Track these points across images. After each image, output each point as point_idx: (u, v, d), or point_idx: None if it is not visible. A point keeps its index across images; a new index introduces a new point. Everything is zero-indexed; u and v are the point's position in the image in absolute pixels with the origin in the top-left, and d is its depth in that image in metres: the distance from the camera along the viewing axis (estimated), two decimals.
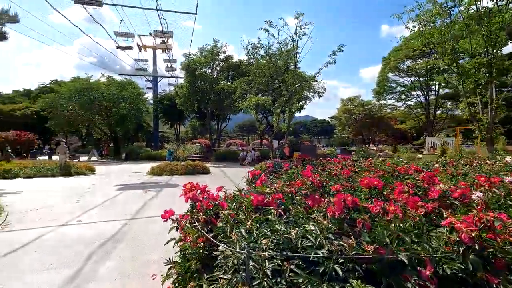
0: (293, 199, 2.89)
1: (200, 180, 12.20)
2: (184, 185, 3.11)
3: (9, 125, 29.44)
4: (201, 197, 2.87)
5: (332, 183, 3.94)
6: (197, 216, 2.52)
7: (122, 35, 17.33)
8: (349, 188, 3.48)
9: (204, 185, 3.21)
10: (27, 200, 8.68)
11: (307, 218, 2.27)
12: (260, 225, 2.28)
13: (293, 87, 12.19)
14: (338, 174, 4.60)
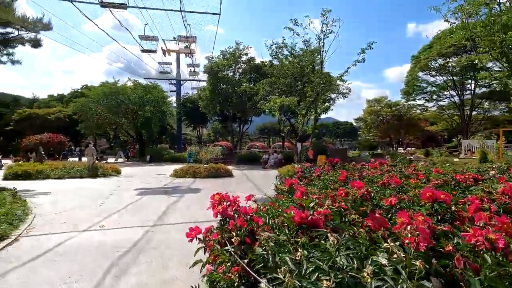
0: (344, 216, 2.36)
1: (222, 183, 11.85)
2: (211, 197, 2.66)
3: (44, 128, 31.02)
4: (231, 210, 2.41)
5: (380, 194, 3.35)
6: (228, 236, 2.06)
7: (146, 39, 17.59)
8: (407, 202, 2.88)
9: (234, 196, 2.74)
10: (55, 201, 8.74)
11: (371, 246, 1.74)
12: (309, 251, 1.78)
13: (319, 87, 11.57)
14: (386, 183, 3.97)
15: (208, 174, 14.33)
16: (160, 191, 10.29)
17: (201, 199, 8.68)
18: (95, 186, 12.26)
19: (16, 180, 15.35)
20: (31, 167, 16.00)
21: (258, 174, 16.21)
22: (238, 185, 11.71)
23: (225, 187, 11.17)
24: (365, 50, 12.11)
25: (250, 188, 11.00)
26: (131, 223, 5.96)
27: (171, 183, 12.73)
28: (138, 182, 13.17)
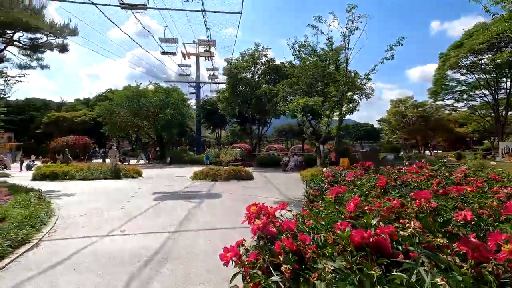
0: (413, 237, 1.87)
1: (243, 187, 11.47)
2: (247, 208, 2.23)
3: (71, 131, 32.18)
4: (273, 226, 1.99)
5: (441, 206, 2.77)
6: (272, 261, 1.64)
7: (166, 41, 17.65)
8: (485, 217, 2.32)
9: (273, 207, 2.31)
10: (78, 203, 8.71)
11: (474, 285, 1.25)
12: None
13: (345, 86, 10.97)
14: (446, 192, 3.38)
15: (229, 177, 14.03)
16: (180, 194, 10.07)
17: (223, 203, 8.33)
18: (117, 187, 12.28)
19: (43, 180, 15.80)
20: (58, 168, 16.43)
21: (279, 177, 15.72)
22: (260, 189, 11.29)
23: (246, 190, 10.78)
24: (394, 46, 11.38)
25: (273, 192, 10.56)
26: (152, 228, 5.69)
27: (192, 185, 12.52)
28: (159, 184, 13.09)
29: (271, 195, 9.80)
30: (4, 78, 18.68)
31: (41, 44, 15.20)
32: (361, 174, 6.29)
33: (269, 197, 9.25)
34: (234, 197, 9.35)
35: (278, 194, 10.11)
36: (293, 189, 11.23)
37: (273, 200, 8.64)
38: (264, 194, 10.02)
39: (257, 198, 9.13)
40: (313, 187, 6.39)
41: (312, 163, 21.22)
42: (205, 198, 9.39)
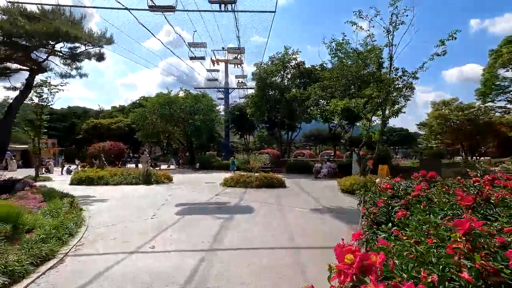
0: None
1: (277, 196, 10.62)
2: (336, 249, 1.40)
3: (107, 136, 33.52)
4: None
5: None
6: None
7: (195, 46, 17.47)
8: None
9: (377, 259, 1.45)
10: (109, 210, 8.43)
11: None
12: None
13: (392, 86, 9.80)
14: None
15: (260, 184, 13.27)
16: (212, 204, 9.47)
17: (259, 216, 7.53)
18: (148, 194, 12.04)
19: (80, 185, 16.16)
20: (93, 173, 16.76)
21: (313, 185, 14.66)
22: (295, 198, 10.38)
23: (281, 200, 9.92)
24: (446, 41, 10.02)
25: (309, 202, 9.61)
26: (183, 245, 5.06)
27: (222, 193, 11.93)
28: (189, 191, 12.67)
29: (308, 206, 8.86)
30: (48, 87, 19.70)
31: (80, 53, 15.61)
32: (427, 186, 5.15)
33: (308, 209, 8.32)
34: (270, 208, 8.54)
35: (316, 204, 9.13)
36: (331, 199, 10.18)
37: (316, 214, 7.72)
38: (300, 204, 9.10)
39: (295, 209, 8.25)
40: (369, 201, 5.42)
41: (346, 170, 19.84)
42: (238, 209, 8.68)
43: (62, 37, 13.76)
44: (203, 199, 10.28)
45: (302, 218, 7.12)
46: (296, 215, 7.44)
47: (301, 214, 7.60)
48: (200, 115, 29.82)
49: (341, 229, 6.21)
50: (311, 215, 7.52)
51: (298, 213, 7.71)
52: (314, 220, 6.94)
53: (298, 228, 6.14)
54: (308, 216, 7.43)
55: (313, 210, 8.17)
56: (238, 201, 9.83)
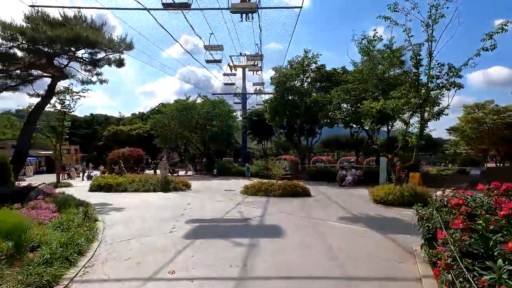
0: None
1: (303, 206, 9.59)
2: None
3: (127, 143, 33.67)
4: None
5: None
6: None
7: (211, 48, 16.91)
8: None
9: None
10: (126, 221, 7.78)
11: None
12: None
13: (433, 81, 8.67)
14: None
15: (283, 193, 12.31)
16: (235, 216, 8.62)
17: (290, 232, 6.56)
18: (166, 202, 11.39)
19: (99, 191, 15.83)
20: (112, 180, 16.42)
21: (340, 194, 13.52)
22: (325, 210, 9.33)
23: (310, 212, 8.91)
24: (495, 34, 8.81)
25: (342, 214, 8.55)
26: (208, 270, 4.20)
27: (244, 202, 11.07)
28: (209, 199, 11.91)
29: (343, 219, 7.81)
30: (70, 94, 19.82)
31: (100, 59, 15.43)
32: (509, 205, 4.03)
33: (340, 222, 7.28)
34: (301, 222, 7.57)
35: (351, 217, 8.07)
36: (366, 211, 9.06)
37: (356, 229, 6.68)
38: (333, 216, 8.06)
39: (329, 222, 7.24)
40: (433, 218, 4.37)
41: (371, 178, 18.46)
42: (266, 223, 7.78)
43: (83, 42, 13.58)
44: (225, 209, 9.45)
45: (342, 235, 6.08)
46: (334, 231, 6.42)
47: (339, 230, 6.57)
48: (217, 120, 29.36)
49: (393, 250, 5.17)
50: (350, 231, 6.48)
51: (336, 229, 6.69)
52: (356, 238, 5.90)
53: (341, 249, 5.14)
54: (347, 232, 6.39)
55: (350, 224, 7.12)
56: (262, 212, 8.92)
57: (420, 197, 9.61)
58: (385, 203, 9.90)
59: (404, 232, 6.10)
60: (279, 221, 7.58)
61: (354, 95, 18.48)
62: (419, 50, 9.32)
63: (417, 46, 9.19)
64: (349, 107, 20.37)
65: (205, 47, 16.74)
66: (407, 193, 9.65)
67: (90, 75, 16.90)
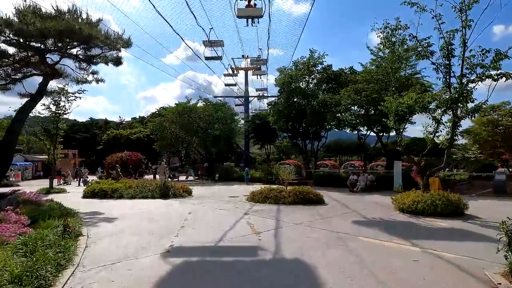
0: None
1: (320, 215, 8.10)
2: None
3: (127, 147, 32.34)
4: None
5: None
6: None
7: (210, 44, 15.75)
8: None
9: None
10: (115, 236, 6.45)
11: None
12: None
13: (474, 71, 7.44)
14: None
15: (294, 200, 10.97)
16: (244, 233, 7.30)
17: (316, 253, 5.27)
18: (164, 211, 10.07)
19: (93, 198, 14.52)
20: (107, 186, 15.10)
21: (356, 201, 12.16)
22: (347, 221, 7.97)
23: (331, 224, 7.57)
24: None
25: (370, 227, 7.22)
26: None
27: (252, 211, 9.74)
28: (211, 208, 10.58)
29: (374, 233, 6.48)
30: (65, 95, 18.59)
31: (96, 55, 14.24)
32: None
33: (372, 237, 5.93)
34: (325, 238, 6.24)
35: (381, 231, 6.73)
36: (395, 223, 7.72)
37: (396, 247, 5.33)
38: (361, 230, 6.74)
39: (368, 245, 5.89)
40: None
41: (383, 183, 17.14)
42: (282, 240, 6.45)
43: (76, 36, 12.42)
44: (230, 221, 8.12)
45: (389, 260, 4.60)
46: (374, 253, 5.01)
47: (380, 251, 5.17)
48: (219, 124, 28.14)
49: (464, 281, 3.84)
50: (395, 252, 5.06)
51: (375, 249, 5.30)
52: (409, 263, 4.44)
53: (395, 280, 3.82)
54: (392, 254, 4.98)
55: (389, 241, 5.77)
56: (275, 224, 7.59)
57: (454, 205, 8.32)
58: (414, 213, 8.57)
59: (464, 253, 4.80)
60: (299, 238, 6.26)
61: (365, 96, 17.28)
62: (452, 38, 8.10)
63: (450, 33, 7.97)
64: (359, 109, 19.17)
65: (204, 43, 15.62)
66: (439, 201, 8.34)
67: (85, 73, 15.66)
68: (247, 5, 14.90)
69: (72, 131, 41.60)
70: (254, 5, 14.64)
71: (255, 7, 14.34)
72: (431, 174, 9.64)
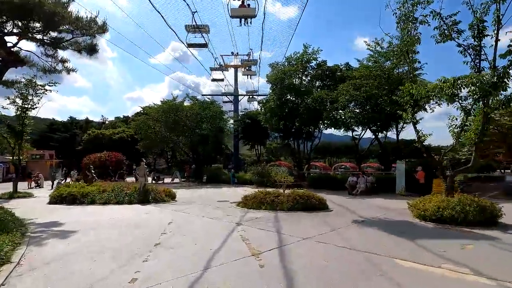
0: None
1: (328, 225, 6.28)
2: None
3: (109, 148, 29.88)
4: None
5: None
6: None
7: (194, 29, 14.00)
8: None
9: None
10: (59, 264, 4.55)
11: None
12: None
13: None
14: None
15: (294, 205, 9.33)
16: (238, 257, 5.58)
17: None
18: (139, 220, 8.18)
19: (59, 204, 12.36)
20: (77, 190, 12.97)
21: (361, 206, 10.67)
22: (362, 232, 6.39)
23: (343, 236, 5.97)
24: None
25: (394, 241, 5.67)
26: None
27: (246, 220, 8.02)
28: (197, 216, 8.78)
29: (422, 258, 4.92)
30: (33, 88, 16.26)
31: (63, 40, 12.15)
32: None
33: (428, 267, 4.34)
34: (347, 262, 4.60)
35: (428, 253, 5.19)
36: (426, 236, 6.18)
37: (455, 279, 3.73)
38: (393, 251, 5.18)
39: (414, 273, 4.28)
40: None
41: (384, 186, 15.83)
42: (299, 286, 4.76)
43: (37, 13, 10.36)
44: (219, 235, 6.38)
45: None
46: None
47: (436, 285, 3.59)
48: (207, 123, 26.26)
49: None
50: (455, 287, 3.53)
51: (426, 280, 3.69)
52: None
53: None
54: None
55: (435, 266, 4.18)
56: (277, 239, 5.89)
57: (488, 212, 6.90)
58: (440, 221, 7.11)
59: None
60: (315, 262, 4.60)
61: (364, 91, 15.97)
62: (486, 14, 6.72)
63: (484, 5, 6.58)
64: (357, 107, 17.85)
65: (187, 28, 13.88)
66: (469, 207, 6.91)
67: (53, 61, 13.50)
68: (241, 5, 14.64)
69: (50, 130, 38.51)
70: (247, 5, 14.58)
71: (248, 7, 14.34)
72: (455, 174, 8.25)
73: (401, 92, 8.01)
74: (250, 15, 14.25)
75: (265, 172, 20.38)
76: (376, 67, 16.93)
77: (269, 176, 20.06)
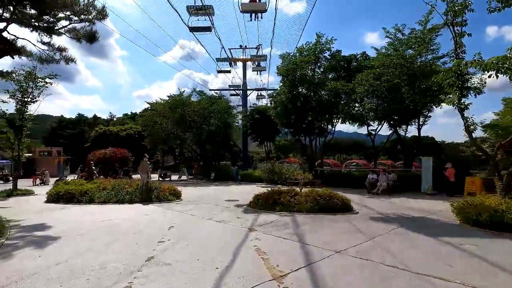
0: None
1: (363, 235, 5.18)
2: None
3: (116, 144, 29.07)
4: None
5: None
6: None
7: (197, 11, 12.81)
8: None
9: None
10: (28, 282, 3.38)
11: None
12: None
13: None
14: None
15: (313, 207, 8.01)
16: (256, 285, 4.31)
17: None
18: (137, 224, 7.01)
19: (56, 202, 11.38)
20: (75, 187, 11.98)
21: (387, 206, 9.25)
22: (407, 243, 5.05)
23: (385, 248, 4.64)
24: None
25: (452, 255, 4.32)
26: None
27: (258, 224, 6.76)
28: (202, 218, 7.57)
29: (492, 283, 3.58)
30: (32, 80, 15.35)
31: (61, 27, 11.08)
32: None
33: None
34: None
35: (489, 276, 3.84)
36: (492, 248, 4.78)
37: None
38: (460, 274, 3.85)
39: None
40: None
41: (406, 184, 14.33)
42: None
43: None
44: (229, 242, 5.15)
45: None
46: None
47: None
48: (215, 119, 25.05)
49: None
50: None
51: None
52: None
53: None
54: None
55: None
56: (301, 253, 4.59)
57: None
58: (500, 228, 5.68)
59: None
60: None
61: (385, 81, 14.44)
62: None
63: None
64: (375, 98, 16.31)
65: (189, 10, 12.70)
66: None
67: (50, 50, 12.46)
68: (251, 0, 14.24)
69: (58, 127, 38.12)
70: None
71: (259, 1, 14.20)
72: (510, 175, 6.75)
73: (441, 74, 6.54)
74: (261, 10, 14.03)
75: (275, 169, 19.09)
76: (397, 55, 15.35)
77: (280, 173, 18.83)
